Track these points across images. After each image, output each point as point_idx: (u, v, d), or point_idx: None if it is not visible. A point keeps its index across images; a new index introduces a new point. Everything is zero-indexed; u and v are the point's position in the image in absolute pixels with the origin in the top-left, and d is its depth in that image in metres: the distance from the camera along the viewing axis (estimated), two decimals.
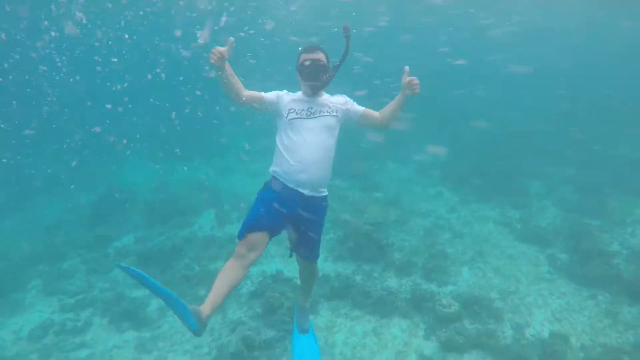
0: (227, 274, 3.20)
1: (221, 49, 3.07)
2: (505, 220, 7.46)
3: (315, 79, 3.32)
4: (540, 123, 11.89)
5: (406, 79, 3.29)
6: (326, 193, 3.48)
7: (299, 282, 4.23)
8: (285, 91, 3.52)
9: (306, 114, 3.34)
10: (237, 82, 3.31)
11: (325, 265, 6.14)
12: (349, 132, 3.64)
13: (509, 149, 10.27)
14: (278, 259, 6.39)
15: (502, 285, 5.61)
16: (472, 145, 10.78)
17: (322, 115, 3.37)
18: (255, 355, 4.29)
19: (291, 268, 6.03)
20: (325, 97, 3.51)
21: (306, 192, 3.30)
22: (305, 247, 3.54)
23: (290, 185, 3.30)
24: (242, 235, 3.17)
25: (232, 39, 3.16)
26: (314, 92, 3.41)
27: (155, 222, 7.82)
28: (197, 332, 2.89)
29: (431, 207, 8.19)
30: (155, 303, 5.42)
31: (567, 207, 7.80)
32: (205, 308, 3.12)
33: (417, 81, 3.25)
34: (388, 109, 3.53)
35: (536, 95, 14.50)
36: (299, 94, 3.49)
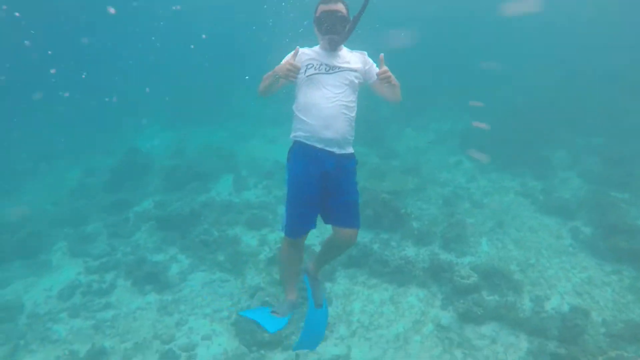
0: (288, 261, 3.34)
1: (295, 62, 2.90)
2: (526, 191, 7.32)
3: (334, 31, 3.06)
4: (567, 90, 11.47)
5: (381, 68, 3.03)
6: (353, 151, 3.27)
7: (319, 249, 3.84)
8: (299, 48, 3.23)
9: (325, 69, 3.12)
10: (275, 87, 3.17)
11: None
12: (368, 97, 3.48)
13: (533, 117, 9.96)
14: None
15: (522, 258, 5.56)
16: (494, 113, 10.50)
17: (342, 71, 3.15)
18: None
19: (310, 235, 6.04)
20: (345, 51, 3.27)
21: (335, 149, 3.11)
22: (345, 212, 3.25)
23: (318, 145, 3.10)
24: (289, 235, 3.14)
25: (298, 48, 3.11)
26: (332, 47, 3.15)
27: (174, 187, 7.90)
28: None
29: (450, 176, 8.08)
30: (176, 267, 5.55)
31: (592, 179, 7.60)
32: (291, 296, 3.44)
33: (388, 74, 3.00)
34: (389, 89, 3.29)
35: (564, 63, 13.95)
36: (317, 48, 3.24)
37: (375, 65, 3.32)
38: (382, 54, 3.03)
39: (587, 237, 5.91)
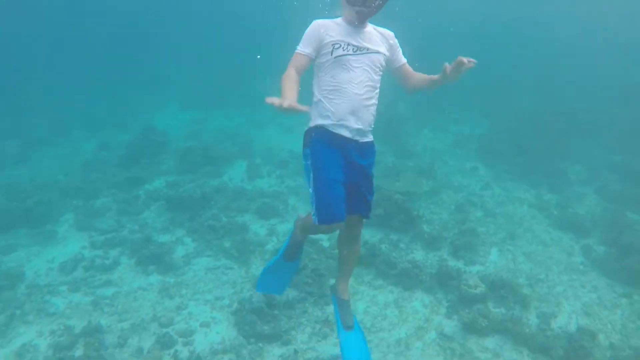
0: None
1: (292, 107, 2.39)
2: (541, 203, 7.09)
3: (366, 3, 2.77)
4: (590, 103, 11.14)
5: (461, 61, 2.77)
6: (372, 139, 3.10)
7: (337, 260, 3.60)
8: (317, 23, 2.93)
9: (353, 49, 2.86)
10: (296, 83, 2.87)
11: None
12: (386, 92, 3.24)
13: (553, 128, 9.66)
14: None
15: (531, 272, 5.35)
16: (514, 121, 10.21)
17: (371, 52, 2.91)
18: (275, 314, 4.24)
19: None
20: (371, 28, 2.99)
21: (358, 138, 2.94)
22: (358, 199, 3.04)
23: (343, 133, 2.91)
24: (325, 222, 2.89)
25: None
26: (360, 20, 2.86)
27: (187, 169, 7.79)
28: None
29: (465, 181, 7.86)
30: (181, 250, 5.44)
31: (609, 197, 7.34)
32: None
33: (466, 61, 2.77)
34: (425, 79, 3.09)
35: (587, 73, 13.56)
36: (340, 21, 2.93)
37: (400, 50, 3.14)
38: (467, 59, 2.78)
39: (600, 256, 5.68)
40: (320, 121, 2.96)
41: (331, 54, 2.87)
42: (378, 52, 2.94)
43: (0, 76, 13.68)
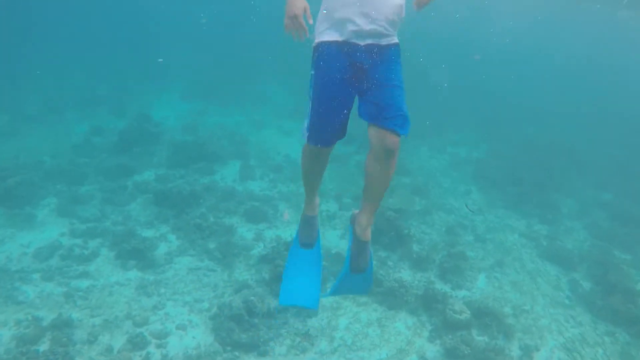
0: (309, 168, 2.91)
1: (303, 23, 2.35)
2: (531, 233, 7.01)
3: None
4: (587, 139, 11.20)
5: None
6: (397, 41, 2.63)
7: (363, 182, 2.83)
8: None
9: None
10: None
11: (340, 243, 5.86)
12: None
13: (549, 160, 9.67)
14: (296, 226, 6.07)
15: (517, 301, 5.25)
16: (512, 149, 10.19)
17: None
18: (255, 323, 4.07)
19: None
20: None
21: (372, 41, 2.52)
22: (380, 110, 2.49)
23: (351, 39, 2.50)
24: (311, 142, 2.62)
25: None
26: None
27: (179, 163, 7.57)
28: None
29: (458, 204, 7.76)
30: (164, 247, 5.24)
31: (597, 234, 7.30)
32: (309, 210, 3.19)
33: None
34: None
35: (591, 111, 13.69)
36: None
37: None
38: None
39: (585, 292, 5.61)
40: (324, 36, 2.58)
41: None
42: None
43: None
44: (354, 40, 2.51)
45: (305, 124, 2.65)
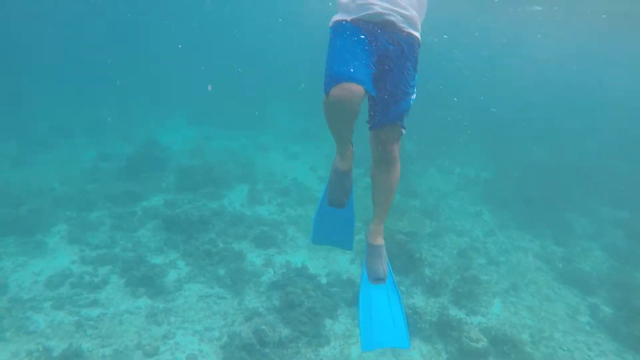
0: (334, 120, 2.40)
1: None
2: (546, 255, 6.95)
3: None
4: (599, 157, 11.14)
5: None
6: (418, 36, 2.50)
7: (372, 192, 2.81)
8: None
9: None
10: None
11: (351, 267, 5.84)
12: None
13: (559, 179, 9.61)
14: (305, 251, 6.11)
15: (535, 328, 5.17)
16: (520, 168, 10.18)
17: None
18: (267, 352, 4.05)
19: (316, 265, 5.76)
20: None
21: (393, 28, 2.37)
22: (391, 104, 2.39)
23: (371, 19, 2.36)
24: (330, 83, 2.23)
25: None
26: None
27: (186, 188, 7.66)
28: None
29: (468, 225, 7.74)
30: (174, 273, 5.26)
31: (616, 254, 7.21)
32: (341, 164, 2.75)
33: None
34: None
35: (600, 126, 13.65)
36: None
37: None
38: None
39: (608, 318, 5.51)
40: (338, 16, 2.47)
41: None
42: None
43: (6, 76, 13.66)
44: (370, 20, 2.38)
45: (324, 77, 2.35)
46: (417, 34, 2.48)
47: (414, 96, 2.49)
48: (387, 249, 6.11)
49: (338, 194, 2.88)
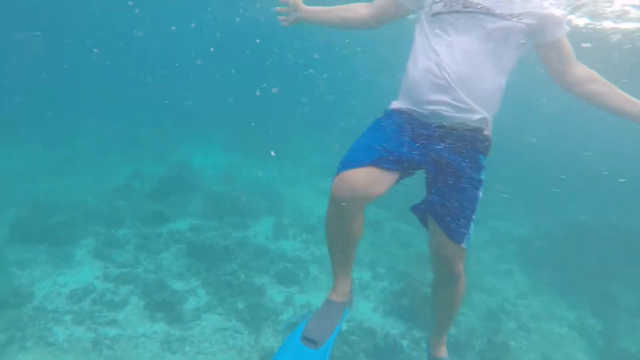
0: (335, 228, 2.34)
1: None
2: (583, 327, 6.69)
3: None
4: None
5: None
6: (485, 130, 2.23)
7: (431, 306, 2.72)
8: None
9: (462, 5, 2.07)
10: (343, 10, 2.41)
11: (373, 316, 5.80)
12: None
13: (603, 244, 9.29)
14: (326, 293, 6.06)
15: None
16: (558, 228, 9.94)
17: (493, 16, 2.04)
18: None
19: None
20: None
21: (452, 123, 2.15)
22: (446, 209, 2.22)
23: (424, 110, 2.17)
24: (340, 168, 2.14)
25: None
26: None
27: (213, 215, 7.84)
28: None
29: (499, 285, 7.57)
30: (193, 302, 5.35)
31: None
32: (335, 295, 2.51)
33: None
34: (612, 93, 2.21)
35: None
36: None
37: (564, 22, 2.18)
38: None
39: None
40: (398, 102, 2.31)
41: (430, 7, 2.18)
42: (509, 19, 2.06)
43: (55, 88, 14.59)
44: (426, 117, 2.21)
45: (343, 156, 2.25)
46: (487, 134, 2.25)
47: (479, 195, 2.31)
48: (412, 301, 6.08)
49: (318, 328, 2.41)
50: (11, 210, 6.93)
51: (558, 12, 2.14)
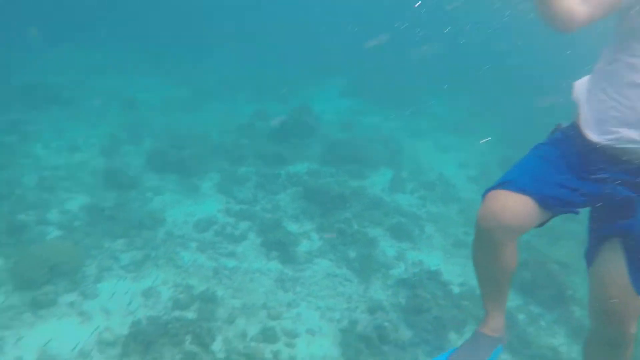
0: (482, 257, 2.27)
1: None
2: None
3: None
4: None
5: None
6: None
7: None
8: None
9: None
10: None
11: None
12: None
13: None
14: (440, 253, 5.94)
15: None
16: None
17: None
18: (384, 350, 4.08)
19: (451, 271, 5.56)
20: None
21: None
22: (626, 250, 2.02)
23: (610, 140, 1.92)
24: (495, 186, 2.09)
25: None
26: None
27: (331, 161, 7.95)
28: None
29: None
30: (306, 245, 5.56)
31: None
32: (486, 328, 2.44)
33: None
34: None
35: None
36: None
37: None
38: None
39: None
40: (585, 113, 2.06)
41: (630, 13, 1.79)
42: None
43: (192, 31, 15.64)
44: (623, 145, 1.92)
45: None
46: None
47: None
48: (534, 276, 5.63)
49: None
50: (148, 141, 7.76)
51: None
